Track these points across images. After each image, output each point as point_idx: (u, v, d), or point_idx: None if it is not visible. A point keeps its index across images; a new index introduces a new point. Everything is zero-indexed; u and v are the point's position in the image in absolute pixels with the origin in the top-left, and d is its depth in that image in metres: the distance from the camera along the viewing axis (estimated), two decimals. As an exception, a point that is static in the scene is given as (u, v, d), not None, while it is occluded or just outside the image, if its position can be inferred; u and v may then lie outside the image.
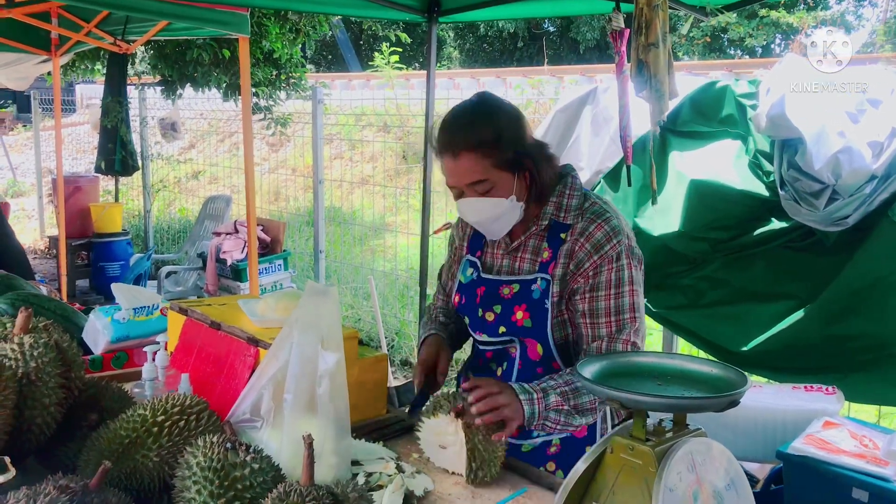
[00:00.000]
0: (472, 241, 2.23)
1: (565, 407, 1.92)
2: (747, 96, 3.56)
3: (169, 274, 6.91)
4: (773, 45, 18.99)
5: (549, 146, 2.12)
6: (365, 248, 7.85)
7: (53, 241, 9.10)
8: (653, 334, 4.64)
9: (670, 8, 3.04)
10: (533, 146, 2.03)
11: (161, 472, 1.54)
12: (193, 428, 1.60)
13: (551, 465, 2.06)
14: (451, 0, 4.10)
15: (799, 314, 3.46)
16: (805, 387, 3.13)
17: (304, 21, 6.91)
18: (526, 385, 1.92)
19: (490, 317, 2.09)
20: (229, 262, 6.13)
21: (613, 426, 2.05)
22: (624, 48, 2.99)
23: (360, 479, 1.74)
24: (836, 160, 3.03)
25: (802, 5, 17.69)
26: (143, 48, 7.59)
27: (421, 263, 4.43)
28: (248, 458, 1.45)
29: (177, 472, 1.46)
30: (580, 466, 1.42)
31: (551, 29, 24.20)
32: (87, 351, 2.54)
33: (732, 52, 20.05)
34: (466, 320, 2.19)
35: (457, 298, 2.20)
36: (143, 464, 1.54)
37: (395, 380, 5.36)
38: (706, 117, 3.73)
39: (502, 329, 2.07)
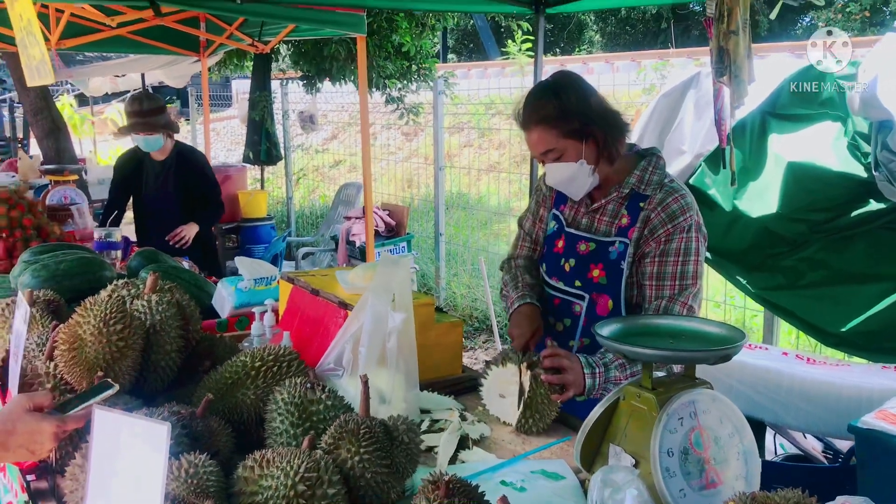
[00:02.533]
0: (557, 196, 2.47)
1: (622, 380, 2.11)
2: (847, 78, 3.55)
3: (306, 255, 7.46)
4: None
5: (620, 115, 2.32)
6: (488, 232, 8.12)
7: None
8: (756, 316, 4.67)
9: (754, -5, 3.11)
10: (598, 114, 2.25)
11: (257, 408, 1.86)
12: (284, 373, 1.91)
13: None
14: (556, -7, 4.29)
15: (896, 296, 3.45)
16: (895, 367, 3.14)
17: (429, 16, 7.23)
18: (591, 359, 2.10)
19: (567, 267, 2.34)
20: (357, 244, 6.58)
21: None
22: (719, 34, 3.09)
23: (426, 424, 2.01)
24: (926, 141, 3.02)
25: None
26: (285, 46, 8.16)
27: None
28: (323, 396, 1.74)
29: (267, 406, 1.78)
30: (597, 411, 1.63)
31: (697, 8, 23.51)
32: (216, 315, 2.95)
33: (897, 25, 18.85)
34: (543, 267, 2.45)
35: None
36: (242, 400, 1.86)
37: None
38: (806, 100, 3.75)
39: (577, 283, 2.31)
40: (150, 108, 4.62)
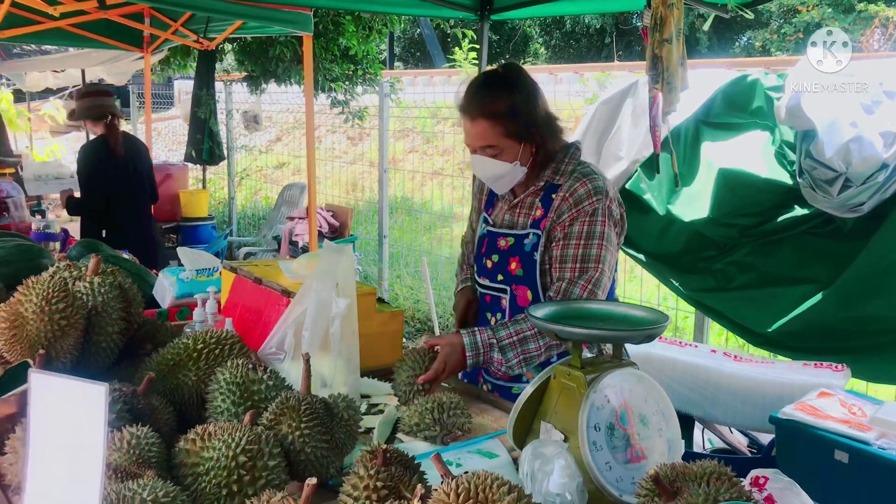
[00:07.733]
0: (488, 197, 2.54)
1: (518, 357, 2.19)
2: (775, 89, 3.73)
3: (247, 255, 7.43)
4: (872, 41, 18.48)
5: (558, 119, 2.38)
6: (432, 236, 8.19)
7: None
8: (688, 317, 4.83)
9: (687, 5, 3.25)
10: (543, 119, 2.31)
11: (198, 389, 1.89)
12: (227, 355, 1.94)
13: None
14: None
15: (818, 297, 3.61)
16: (815, 364, 3.30)
17: (376, 19, 7.28)
18: (479, 342, 2.17)
19: (489, 264, 2.41)
20: (300, 244, 6.60)
21: None
22: (655, 43, 3.21)
23: (364, 407, 2.06)
24: (846, 149, 3.18)
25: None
26: (230, 46, 8.12)
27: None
28: (264, 377, 1.79)
29: (209, 386, 1.81)
30: (528, 390, 1.70)
31: (639, 24, 24.00)
32: (157, 306, 2.95)
33: (828, 47, 19.51)
34: (475, 268, 2.53)
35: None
36: (183, 382, 1.89)
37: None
38: (738, 109, 3.91)
39: (500, 277, 2.39)
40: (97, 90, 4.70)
